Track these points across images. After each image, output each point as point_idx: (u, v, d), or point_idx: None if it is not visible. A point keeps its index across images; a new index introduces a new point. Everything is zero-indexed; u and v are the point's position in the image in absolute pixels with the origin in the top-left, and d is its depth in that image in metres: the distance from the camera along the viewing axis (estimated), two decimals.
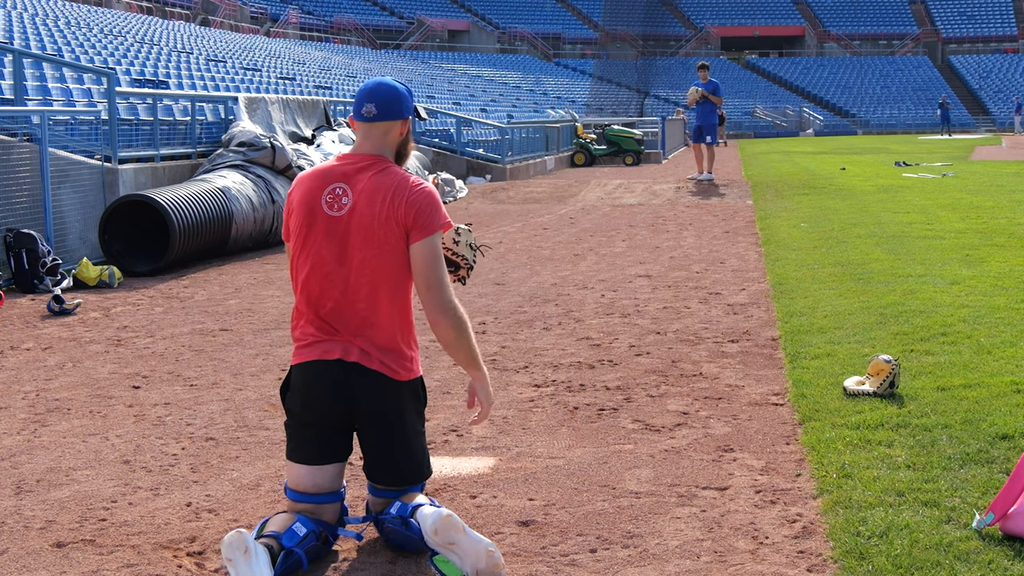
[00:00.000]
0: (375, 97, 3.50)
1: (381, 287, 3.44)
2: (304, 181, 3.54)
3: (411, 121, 3.61)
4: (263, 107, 14.88)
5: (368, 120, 3.50)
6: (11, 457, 4.65)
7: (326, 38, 58.43)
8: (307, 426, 3.50)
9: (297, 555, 3.33)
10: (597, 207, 16.66)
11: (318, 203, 3.46)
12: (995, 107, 66.11)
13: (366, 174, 3.47)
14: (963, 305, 7.28)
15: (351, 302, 3.45)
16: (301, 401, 3.51)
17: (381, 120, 3.50)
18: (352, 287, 3.44)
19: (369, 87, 3.53)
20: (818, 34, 78.80)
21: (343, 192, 3.45)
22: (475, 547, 3.21)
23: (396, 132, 3.54)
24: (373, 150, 3.52)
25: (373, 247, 3.41)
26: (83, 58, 18.93)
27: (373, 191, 3.43)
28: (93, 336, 7.33)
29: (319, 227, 3.46)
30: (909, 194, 16.81)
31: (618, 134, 31.95)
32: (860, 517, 3.65)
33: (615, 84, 67.27)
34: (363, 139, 3.53)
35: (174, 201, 10.34)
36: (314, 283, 3.47)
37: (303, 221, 3.48)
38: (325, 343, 3.47)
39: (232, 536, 3.15)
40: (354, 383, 3.45)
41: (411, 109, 3.57)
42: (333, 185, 3.47)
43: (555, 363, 6.22)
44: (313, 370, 3.48)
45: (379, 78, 3.61)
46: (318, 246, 3.46)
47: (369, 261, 3.42)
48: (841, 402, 5.09)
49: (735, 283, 8.91)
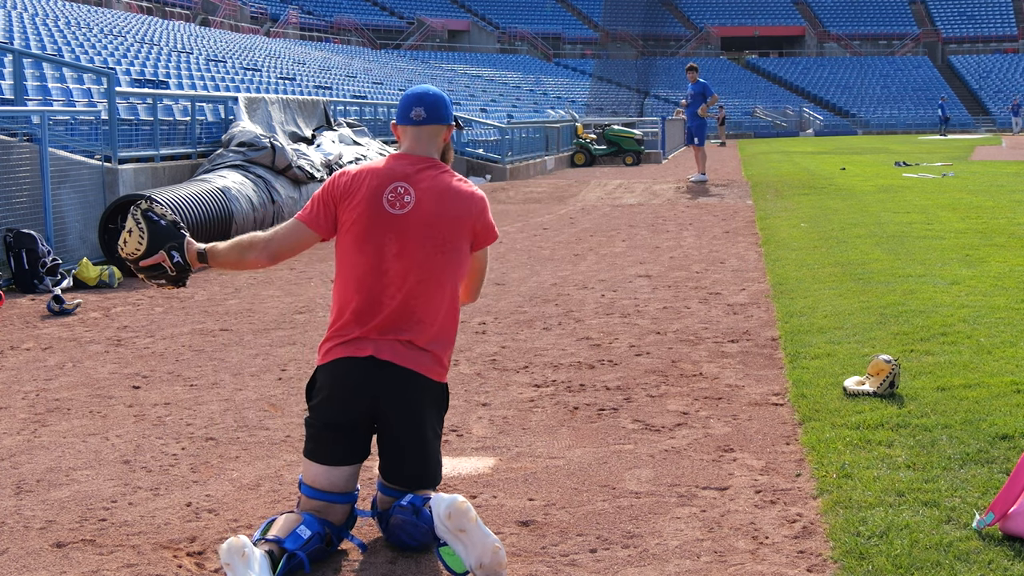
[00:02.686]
0: (424, 101, 3.57)
1: (438, 284, 3.51)
2: (361, 176, 3.56)
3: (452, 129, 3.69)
4: (263, 107, 14.88)
5: (417, 123, 3.57)
6: (11, 457, 4.65)
7: (326, 38, 58.44)
8: (328, 427, 3.50)
9: (299, 558, 3.33)
10: (597, 207, 16.66)
11: (380, 200, 3.50)
12: (995, 107, 66.11)
13: (427, 174, 3.54)
14: (963, 305, 7.28)
15: (409, 300, 3.49)
16: (326, 400, 3.51)
17: (430, 124, 3.57)
18: (413, 285, 3.48)
19: (417, 92, 3.61)
20: (818, 34, 78.80)
21: (405, 191, 3.51)
22: (483, 540, 3.21)
23: (442, 137, 3.62)
24: (425, 153, 3.59)
25: (436, 245, 3.49)
26: (83, 58, 18.93)
27: (440, 192, 3.51)
28: (93, 336, 7.33)
29: (381, 223, 3.49)
30: (909, 194, 16.81)
31: (618, 134, 31.95)
32: (860, 517, 3.65)
33: (615, 84, 67.27)
34: (413, 142, 3.59)
35: (174, 201, 10.35)
36: (373, 279, 3.49)
37: (364, 216, 3.49)
38: (360, 341, 3.49)
39: (231, 542, 3.15)
40: (382, 379, 3.46)
41: (452, 116, 3.65)
42: (395, 184, 3.52)
43: (555, 363, 6.22)
44: (343, 366, 3.49)
45: (423, 85, 3.69)
46: (379, 243, 3.49)
47: (430, 258, 3.49)
48: (841, 402, 5.09)
49: (735, 283, 8.91)
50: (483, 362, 6.30)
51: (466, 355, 6.49)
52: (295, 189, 13.00)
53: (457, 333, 3.66)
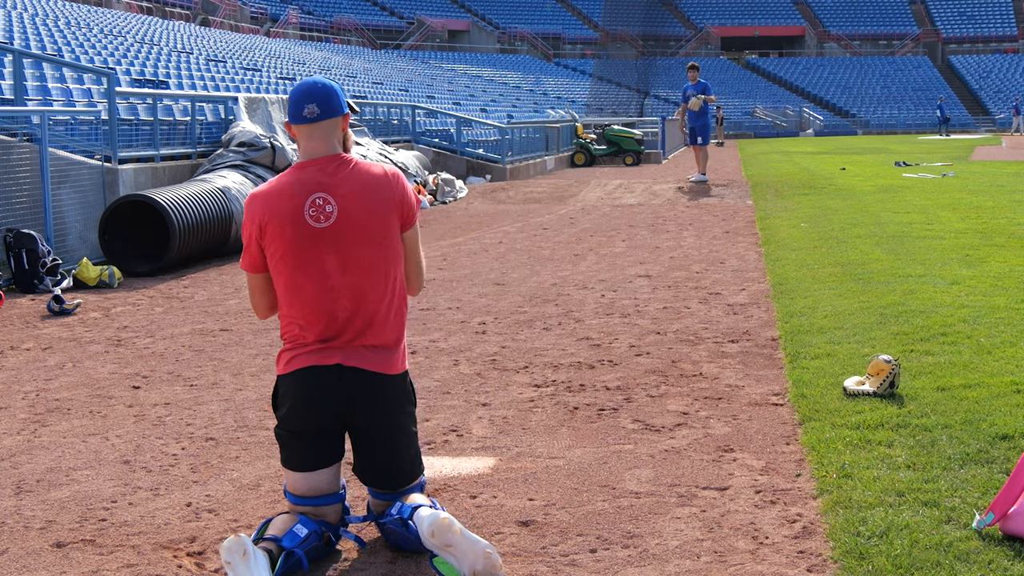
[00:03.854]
0: (314, 97, 3.45)
1: (383, 278, 3.49)
2: (271, 201, 3.41)
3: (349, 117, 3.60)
4: (263, 107, 14.88)
5: (312, 121, 3.44)
6: (11, 457, 4.65)
7: (326, 38, 58.44)
8: (298, 435, 3.49)
9: (297, 556, 3.34)
10: (597, 207, 16.66)
11: (302, 218, 3.38)
12: (995, 107, 66.13)
13: (340, 175, 3.43)
14: (963, 305, 7.27)
15: (364, 304, 3.46)
16: (294, 409, 3.47)
17: (325, 119, 3.45)
18: (363, 290, 3.45)
19: (305, 89, 3.47)
20: (818, 34, 78.81)
21: (324, 201, 3.39)
22: (472, 548, 3.21)
23: (340, 129, 3.52)
24: (329, 150, 3.47)
25: (373, 245, 3.45)
26: (83, 58, 18.93)
27: (360, 188, 3.44)
28: (93, 336, 7.33)
29: (312, 241, 3.39)
30: (909, 194, 16.81)
31: (618, 134, 31.97)
32: (860, 517, 3.65)
33: (615, 84, 67.27)
34: (310, 141, 3.46)
35: (174, 201, 10.35)
36: (322, 298, 3.43)
37: (291, 240, 3.39)
38: (323, 350, 3.46)
39: (231, 540, 3.16)
40: (351, 385, 3.45)
41: (346, 103, 3.54)
42: (312, 197, 3.40)
43: (555, 363, 6.22)
44: (310, 375, 3.45)
45: (309, 78, 3.57)
46: (317, 260, 3.41)
47: (373, 260, 3.45)
48: (841, 402, 5.09)
49: (735, 283, 8.91)
50: (483, 362, 6.30)
51: (466, 355, 6.49)
52: None
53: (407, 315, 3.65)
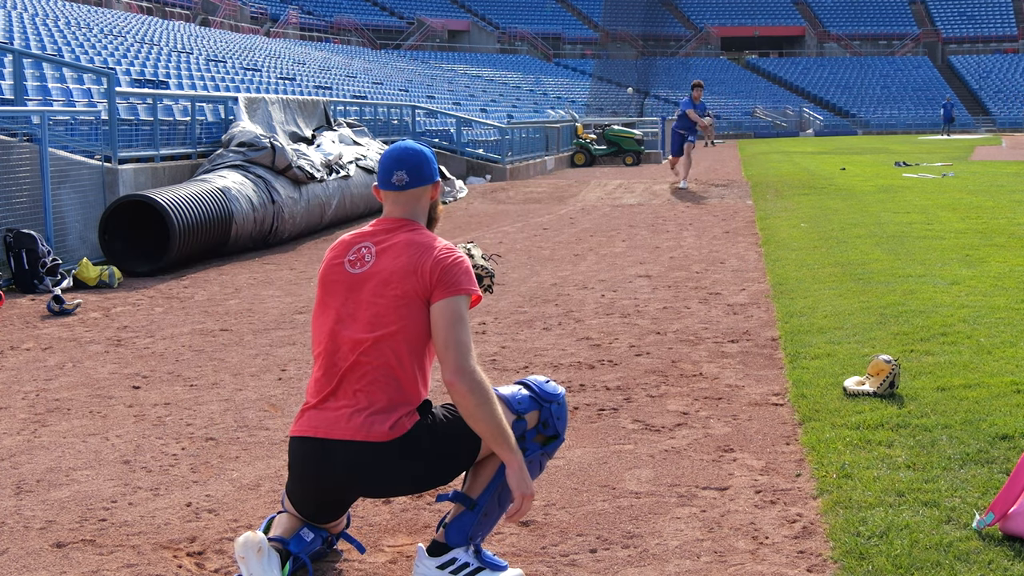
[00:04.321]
0: (404, 164, 3.32)
1: (396, 342, 3.19)
2: (334, 247, 3.41)
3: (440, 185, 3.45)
4: (263, 107, 14.88)
5: (400, 188, 3.32)
6: (11, 457, 4.65)
7: (326, 38, 58.44)
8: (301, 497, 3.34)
9: (303, 561, 3.34)
10: (597, 207, 16.66)
11: (341, 264, 3.32)
12: (995, 107, 66.11)
13: (396, 234, 3.31)
14: (963, 305, 7.28)
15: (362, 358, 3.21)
16: (293, 479, 3.34)
17: (413, 187, 3.33)
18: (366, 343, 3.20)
19: (397, 154, 3.35)
20: (818, 34, 78.80)
21: (367, 251, 3.30)
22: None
23: (427, 197, 3.37)
24: (405, 215, 3.35)
25: (387, 300, 3.20)
26: (83, 58, 18.93)
27: (400, 246, 3.26)
28: (93, 336, 7.33)
29: (339, 285, 3.30)
30: (909, 194, 16.81)
31: (618, 134, 31.98)
32: (860, 517, 3.65)
33: (615, 84, 67.26)
34: (393, 205, 3.35)
35: (174, 201, 10.35)
36: (329, 340, 3.26)
37: (324, 283, 3.34)
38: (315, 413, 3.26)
39: (248, 536, 3.15)
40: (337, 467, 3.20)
41: (437, 171, 3.42)
42: (359, 245, 3.33)
43: (555, 363, 6.22)
44: (299, 451, 3.28)
45: (403, 143, 3.42)
46: (335, 303, 3.29)
47: (384, 314, 3.19)
48: (841, 402, 5.09)
49: (735, 283, 8.91)
50: (483, 362, 6.29)
51: None
52: (295, 189, 13.00)
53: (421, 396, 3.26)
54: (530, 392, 3.34)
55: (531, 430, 3.31)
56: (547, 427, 3.32)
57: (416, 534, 3.73)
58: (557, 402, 3.34)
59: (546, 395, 3.33)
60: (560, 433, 3.35)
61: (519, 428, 3.27)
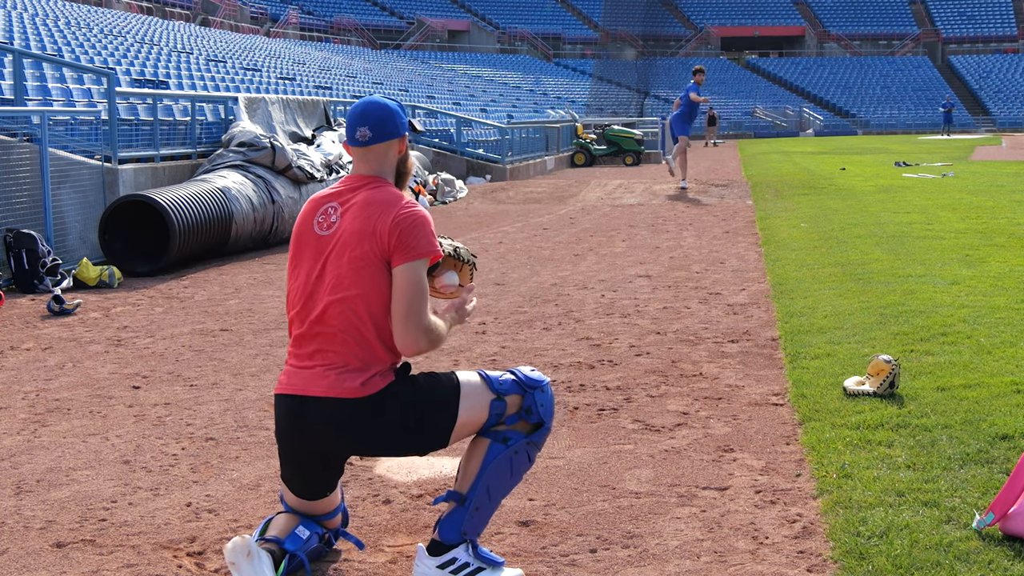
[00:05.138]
0: (368, 119, 3.31)
1: (362, 302, 3.22)
2: (307, 205, 3.44)
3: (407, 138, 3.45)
4: (263, 107, 14.87)
5: (364, 144, 3.32)
6: (11, 457, 4.65)
7: (326, 38, 58.43)
8: (287, 461, 3.39)
9: (300, 559, 3.34)
10: (597, 207, 16.66)
11: (310, 225, 3.35)
12: (995, 107, 66.10)
13: (360, 193, 3.33)
14: (963, 305, 7.28)
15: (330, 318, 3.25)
16: (278, 438, 3.38)
17: (377, 142, 3.34)
18: (333, 302, 3.25)
19: (360, 109, 3.35)
20: (818, 34, 78.79)
21: (334, 211, 3.32)
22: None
23: (394, 152, 3.38)
24: (371, 172, 3.36)
25: (350, 262, 3.23)
26: (83, 58, 18.93)
27: (359, 206, 3.29)
28: (93, 336, 7.33)
29: (309, 248, 3.34)
30: (909, 194, 16.81)
31: (618, 134, 31.98)
32: (860, 517, 3.65)
33: (615, 84, 67.26)
34: (360, 162, 3.38)
35: (174, 201, 10.35)
36: (303, 303, 3.32)
37: (295, 245, 3.38)
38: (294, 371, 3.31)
39: (235, 541, 3.15)
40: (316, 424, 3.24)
41: (406, 125, 3.41)
42: (327, 205, 3.35)
43: (555, 363, 6.22)
44: (281, 408, 3.32)
45: (369, 97, 3.44)
46: (306, 266, 3.33)
47: (345, 276, 3.23)
48: (841, 402, 5.09)
49: (735, 283, 8.91)
50: (483, 362, 6.30)
51: (466, 355, 6.49)
52: (295, 189, 13.00)
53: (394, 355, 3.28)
54: (514, 377, 3.35)
55: (512, 415, 3.33)
56: (531, 414, 3.33)
57: (416, 534, 3.73)
58: (541, 389, 3.35)
59: (530, 381, 3.35)
60: (545, 420, 3.35)
61: (498, 408, 3.30)
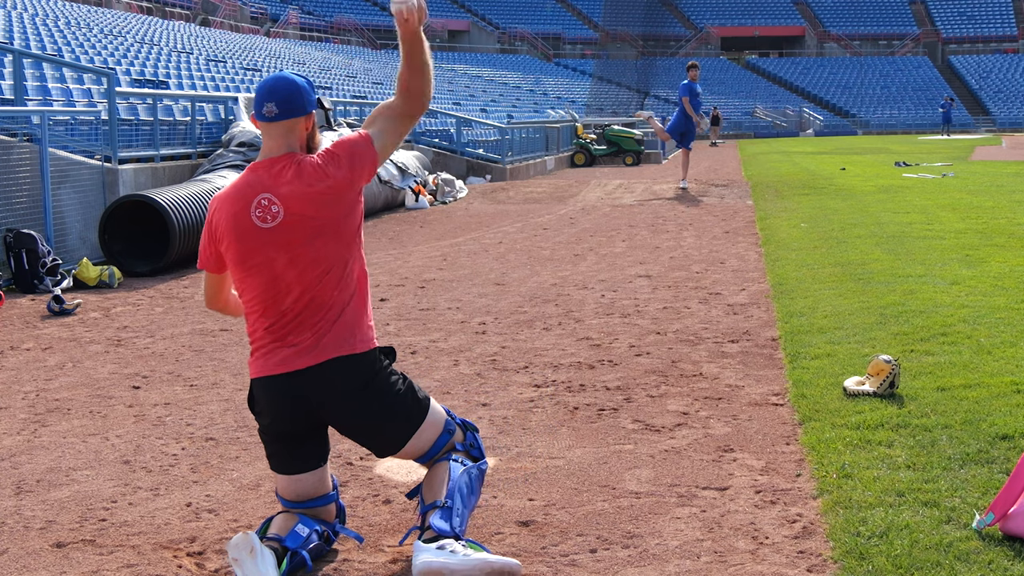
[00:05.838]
0: (275, 95, 3.36)
1: (340, 265, 3.36)
2: (224, 203, 3.41)
3: (315, 115, 3.50)
4: None
5: (271, 120, 3.37)
6: (11, 457, 4.65)
7: (326, 38, 58.43)
8: (277, 438, 3.47)
9: (301, 556, 3.34)
10: (597, 207, 16.66)
11: (249, 219, 3.34)
12: (995, 107, 66.11)
13: (286, 174, 3.36)
14: (963, 305, 7.27)
15: (317, 294, 3.36)
16: (266, 415, 3.45)
17: (283, 119, 3.38)
18: (310, 280, 3.34)
19: (268, 85, 3.40)
20: (818, 34, 78.80)
21: (270, 201, 3.33)
22: (471, 572, 3.20)
23: (301, 128, 3.42)
24: (282, 150, 3.40)
25: (325, 237, 3.34)
26: (83, 58, 18.93)
27: (305, 186, 3.34)
28: (93, 336, 7.33)
29: (259, 241, 3.34)
30: (909, 194, 16.81)
31: (618, 134, 31.98)
32: (860, 517, 3.65)
33: (615, 84, 67.27)
34: (269, 139, 3.42)
35: (174, 201, 10.35)
36: (272, 294, 3.37)
37: (237, 243, 3.37)
38: (279, 353, 3.39)
39: (239, 537, 3.16)
40: (310, 388, 3.37)
41: (313, 102, 3.46)
42: (258, 197, 3.35)
43: (555, 363, 6.22)
44: (270, 386, 3.40)
45: (278, 73, 3.48)
46: (265, 260, 3.35)
47: (325, 252, 3.34)
48: (841, 402, 5.09)
49: (735, 283, 8.91)
50: (483, 362, 6.30)
51: (466, 355, 6.49)
52: None
53: (369, 296, 3.52)
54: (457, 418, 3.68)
55: (459, 443, 3.62)
56: (474, 447, 3.65)
57: None
58: (476, 431, 3.70)
59: (468, 423, 3.69)
60: (483, 457, 3.66)
61: (449, 427, 3.60)
